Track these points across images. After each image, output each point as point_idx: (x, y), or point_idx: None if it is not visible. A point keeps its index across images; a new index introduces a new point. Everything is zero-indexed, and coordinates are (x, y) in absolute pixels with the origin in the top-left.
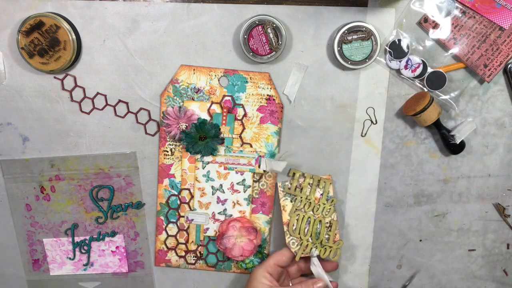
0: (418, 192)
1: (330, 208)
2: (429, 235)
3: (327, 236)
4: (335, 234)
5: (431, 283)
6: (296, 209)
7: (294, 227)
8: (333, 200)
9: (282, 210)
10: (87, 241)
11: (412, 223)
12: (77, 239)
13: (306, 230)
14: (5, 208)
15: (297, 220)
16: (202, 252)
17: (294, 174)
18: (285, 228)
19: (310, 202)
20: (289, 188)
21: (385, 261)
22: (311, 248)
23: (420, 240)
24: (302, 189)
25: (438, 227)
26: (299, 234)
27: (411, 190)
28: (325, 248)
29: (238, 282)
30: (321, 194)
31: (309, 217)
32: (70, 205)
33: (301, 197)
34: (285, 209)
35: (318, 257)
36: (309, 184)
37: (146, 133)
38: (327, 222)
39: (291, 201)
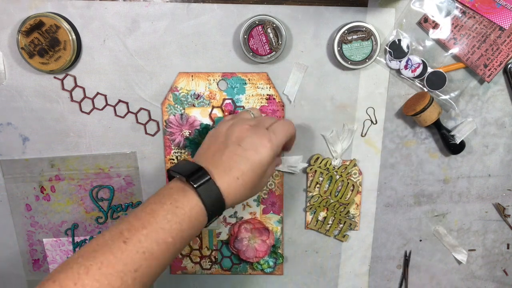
0: (418, 192)
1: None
2: (429, 235)
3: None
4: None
5: (431, 283)
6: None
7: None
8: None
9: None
10: (87, 241)
11: (412, 223)
12: (77, 239)
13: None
14: (5, 208)
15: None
16: (216, 257)
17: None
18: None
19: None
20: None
21: (385, 261)
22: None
23: (420, 240)
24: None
25: (438, 227)
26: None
27: (411, 190)
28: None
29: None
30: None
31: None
32: (70, 205)
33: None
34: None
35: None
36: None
37: (146, 133)
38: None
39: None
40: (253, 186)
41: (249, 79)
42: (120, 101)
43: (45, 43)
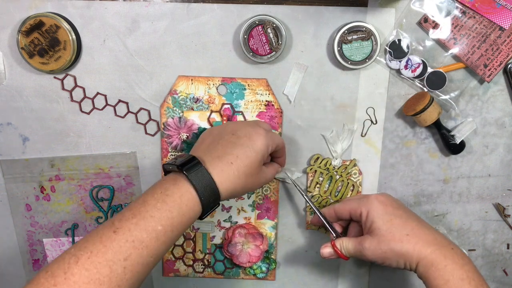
0: (418, 192)
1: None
2: None
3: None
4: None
5: None
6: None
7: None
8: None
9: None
10: None
11: None
12: (77, 239)
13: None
14: (5, 208)
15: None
16: (209, 260)
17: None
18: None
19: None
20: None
21: None
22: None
23: None
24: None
25: (438, 227)
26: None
27: (411, 190)
28: None
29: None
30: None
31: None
32: (70, 205)
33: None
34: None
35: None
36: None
37: (146, 133)
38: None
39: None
40: (249, 174)
41: (248, 84)
42: (120, 101)
43: (45, 43)
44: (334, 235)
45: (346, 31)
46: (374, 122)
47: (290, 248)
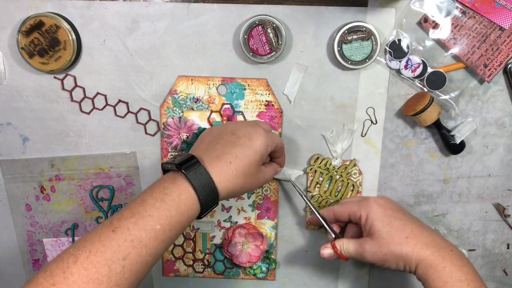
0: (418, 192)
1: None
2: None
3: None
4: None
5: None
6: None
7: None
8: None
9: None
10: None
11: None
12: (77, 239)
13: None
14: (5, 208)
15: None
16: (209, 260)
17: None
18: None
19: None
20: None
21: None
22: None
23: None
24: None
25: (438, 227)
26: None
27: (411, 190)
28: None
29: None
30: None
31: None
32: (70, 205)
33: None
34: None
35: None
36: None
37: (146, 133)
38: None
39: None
40: (247, 174)
41: (248, 84)
42: (120, 101)
43: (45, 43)
44: (333, 235)
45: (346, 31)
46: (374, 122)
47: (290, 248)
